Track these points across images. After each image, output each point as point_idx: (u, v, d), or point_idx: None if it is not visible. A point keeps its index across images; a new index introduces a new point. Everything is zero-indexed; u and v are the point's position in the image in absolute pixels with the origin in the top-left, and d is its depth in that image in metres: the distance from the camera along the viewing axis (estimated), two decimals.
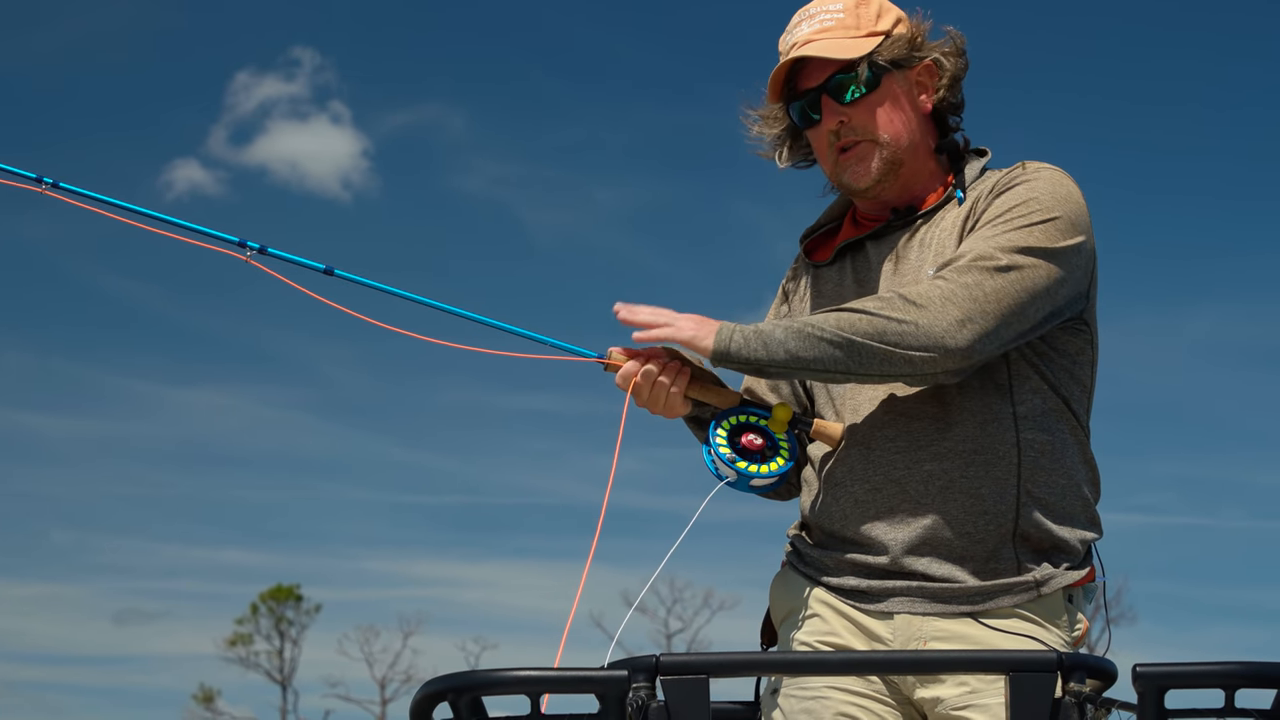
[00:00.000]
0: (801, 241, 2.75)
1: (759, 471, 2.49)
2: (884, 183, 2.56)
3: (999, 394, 2.44)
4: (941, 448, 2.42)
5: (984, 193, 2.50)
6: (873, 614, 2.45)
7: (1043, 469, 2.43)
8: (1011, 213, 2.42)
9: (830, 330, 2.33)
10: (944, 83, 2.58)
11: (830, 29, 2.54)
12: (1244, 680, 1.75)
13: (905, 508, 2.42)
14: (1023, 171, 2.49)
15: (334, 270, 2.57)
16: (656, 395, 2.51)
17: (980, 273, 2.34)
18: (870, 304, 2.35)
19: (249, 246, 2.58)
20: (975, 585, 2.39)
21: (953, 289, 2.33)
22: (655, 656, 1.80)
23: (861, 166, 2.55)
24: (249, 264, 2.56)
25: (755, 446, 2.52)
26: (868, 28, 2.55)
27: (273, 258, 2.56)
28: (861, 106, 2.54)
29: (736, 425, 2.54)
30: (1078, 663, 1.81)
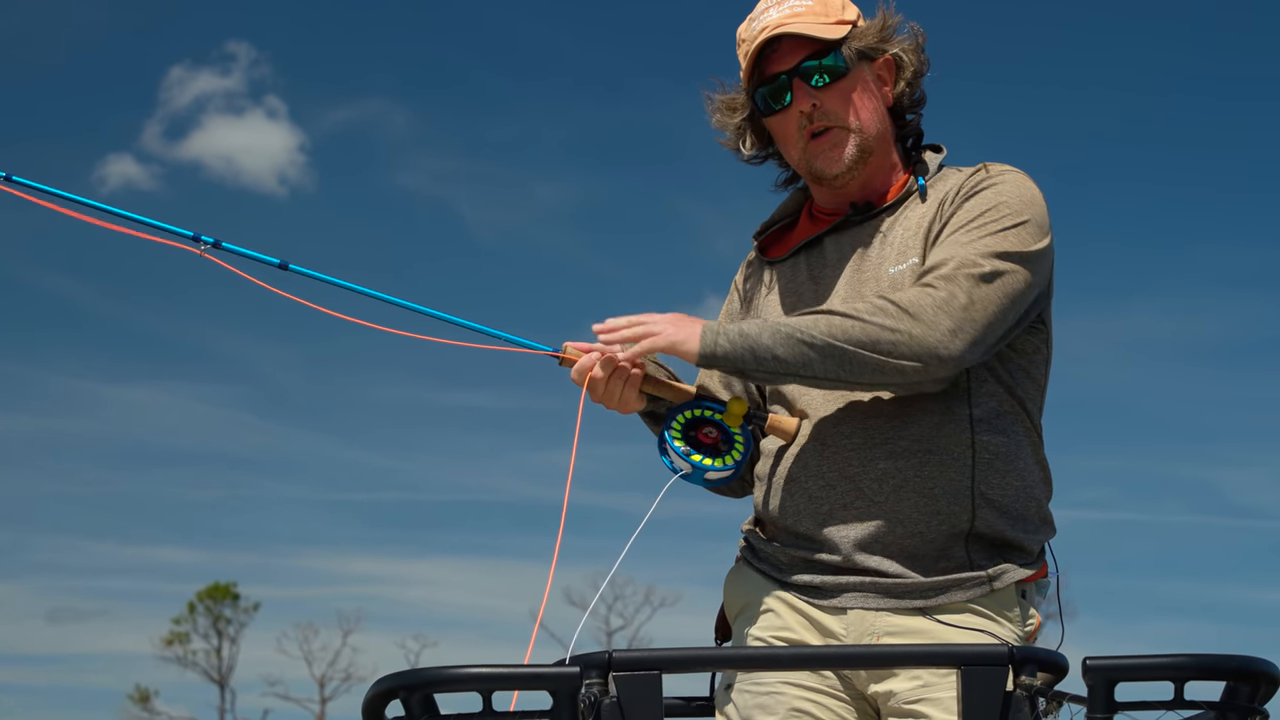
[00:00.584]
0: (756, 238, 2.74)
1: (713, 465, 2.49)
2: (854, 170, 2.56)
3: (956, 395, 2.44)
4: (897, 446, 2.42)
5: (949, 194, 2.50)
6: (826, 609, 2.45)
7: (997, 471, 2.44)
8: (985, 216, 2.42)
9: (821, 337, 2.32)
10: (905, 77, 2.59)
11: (801, 14, 2.54)
12: (1193, 672, 1.76)
13: (859, 505, 2.42)
14: (987, 175, 2.50)
15: (289, 265, 2.56)
16: (611, 390, 2.50)
17: (968, 280, 2.34)
18: (863, 310, 2.34)
19: (203, 241, 2.56)
20: (928, 580, 2.39)
21: (943, 298, 2.33)
22: (608, 653, 1.80)
23: (835, 153, 2.54)
24: (204, 258, 2.55)
25: (710, 440, 2.52)
26: (836, 16, 2.56)
27: (227, 252, 2.55)
28: (834, 91, 2.53)
29: (691, 419, 2.54)
30: (1029, 656, 1.82)
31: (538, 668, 1.80)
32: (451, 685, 1.78)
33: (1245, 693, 1.76)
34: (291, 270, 2.55)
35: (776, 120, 2.59)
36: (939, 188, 2.56)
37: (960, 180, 2.52)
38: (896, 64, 2.58)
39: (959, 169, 2.60)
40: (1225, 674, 1.76)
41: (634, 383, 2.50)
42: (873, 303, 2.35)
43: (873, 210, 2.59)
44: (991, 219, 2.41)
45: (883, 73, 2.58)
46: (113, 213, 2.57)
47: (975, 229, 2.41)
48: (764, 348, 2.34)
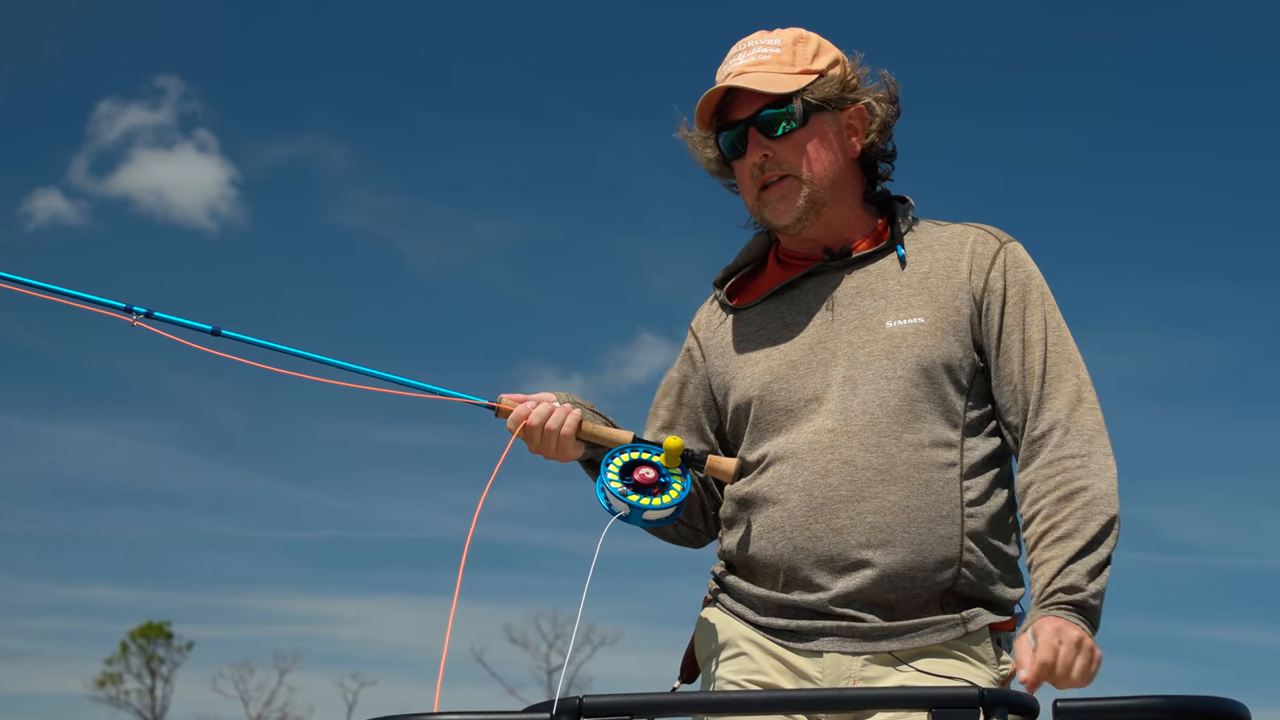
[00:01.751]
0: (720, 285, 2.73)
1: (651, 504, 2.48)
2: (804, 221, 2.56)
3: (949, 452, 2.45)
4: (886, 501, 2.41)
5: (973, 261, 2.53)
6: (802, 653, 2.44)
7: (984, 531, 2.44)
8: (1050, 317, 2.52)
9: (1109, 548, 2.39)
10: (874, 127, 2.59)
11: (765, 63, 2.55)
12: (1164, 715, 1.75)
13: (846, 557, 2.41)
14: (1015, 254, 2.55)
15: (221, 330, 2.59)
16: (548, 439, 2.52)
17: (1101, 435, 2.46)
18: (1108, 504, 2.40)
19: (135, 311, 2.58)
20: (904, 623, 2.40)
21: (1098, 426, 2.46)
22: (579, 698, 1.79)
23: (783, 204, 2.56)
24: (135, 326, 2.58)
25: (648, 480, 2.51)
26: (802, 65, 2.56)
27: (160, 321, 2.58)
28: (787, 143, 2.54)
29: (629, 462, 2.53)
30: (999, 699, 1.81)
31: (509, 714, 1.78)
32: None
33: None
34: (224, 335, 2.58)
35: (736, 166, 2.62)
36: (924, 240, 2.58)
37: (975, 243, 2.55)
38: (869, 112, 2.59)
39: (937, 222, 2.63)
40: (1197, 716, 1.75)
41: (570, 429, 2.51)
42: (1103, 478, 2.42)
43: (849, 256, 2.59)
44: (1055, 323, 2.52)
45: (853, 122, 2.59)
46: (45, 289, 2.60)
47: (1054, 335, 2.51)
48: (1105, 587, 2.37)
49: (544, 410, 2.52)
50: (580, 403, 2.62)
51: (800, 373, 2.53)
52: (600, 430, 2.55)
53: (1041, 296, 2.52)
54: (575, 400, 2.61)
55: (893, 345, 2.47)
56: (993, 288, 2.51)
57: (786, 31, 2.61)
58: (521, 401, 2.55)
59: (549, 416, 2.52)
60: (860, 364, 2.48)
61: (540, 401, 2.54)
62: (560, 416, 2.52)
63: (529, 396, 2.56)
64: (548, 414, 2.52)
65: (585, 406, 2.61)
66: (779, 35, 2.60)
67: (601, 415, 2.64)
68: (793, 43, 2.58)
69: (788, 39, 2.59)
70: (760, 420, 2.55)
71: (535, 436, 2.53)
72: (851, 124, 2.59)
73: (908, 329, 2.48)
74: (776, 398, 2.53)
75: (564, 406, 2.55)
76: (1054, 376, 2.47)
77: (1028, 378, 2.47)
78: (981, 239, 2.56)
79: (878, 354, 2.48)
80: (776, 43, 2.58)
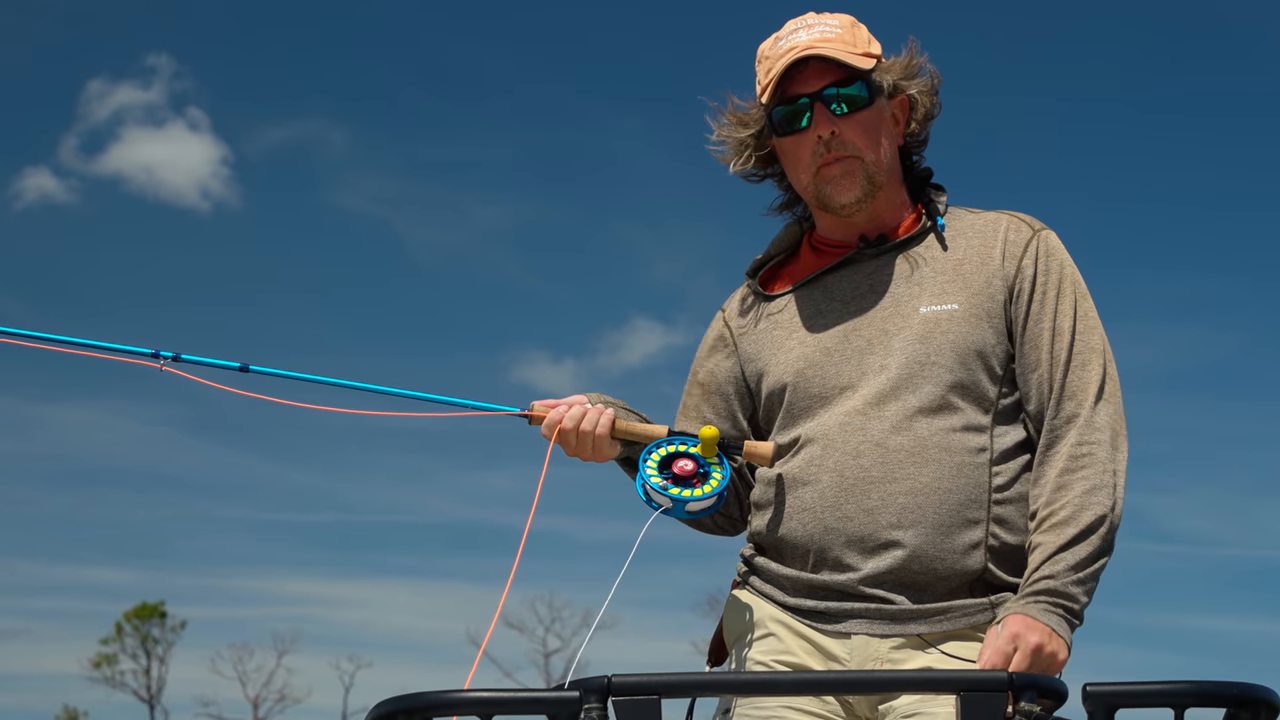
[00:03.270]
0: (753, 274, 2.73)
1: (693, 496, 2.48)
2: (863, 202, 2.56)
3: (980, 436, 2.45)
4: (917, 483, 2.41)
5: (1017, 253, 2.52)
6: (830, 634, 2.45)
7: (1014, 515, 2.44)
8: (1080, 306, 2.50)
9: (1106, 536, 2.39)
10: (917, 118, 2.60)
11: (831, 40, 2.54)
12: (1193, 699, 1.76)
13: (877, 538, 2.42)
14: (1048, 242, 2.54)
15: (249, 367, 2.61)
16: (584, 441, 2.53)
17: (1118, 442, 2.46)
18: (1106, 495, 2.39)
19: (162, 356, 2.61)
20: (933, 607, 2.40)
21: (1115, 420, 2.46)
22: (607, 678, 1.79)
23: (847, 181, 2.55)
24: (164, 371, 2.61)
25: (686, 472, 2.50)
26: (863, 48, 2.56)
27: (187, 363, 2.60)
28: (854, 121, 2.54)
29: (667, 456, 2.53)
30: (1028, 682, 1.81)
31: (537, 692, 1.79)
32: (453, 709, 1.77)
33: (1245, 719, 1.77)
34: (252, 371, 2.61)
35: (790, 142, 2.59)
36: (958, 227, 2.58)
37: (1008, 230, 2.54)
38: (910, 104, 2.60)
39: (971, 210, 2.63)
40: (1226, 701, 1.76)
41: (605, 429, 2.52)
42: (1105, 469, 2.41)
43: (885, 244, 2.59)
44: (1086, 309, 2.51)
45: (897, 111, 2.60)
46: (71, 343, 2.65)
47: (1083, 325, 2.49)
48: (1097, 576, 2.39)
49: (577, 413, 2.53)
50: (612, 401, 2.62)
51: (834, 359, 2.53)
52: (635, 427, 2.55)
53: (1074, 286, 2.52)
54: (607, 400, 2.62)
55: (927, 331, 2.47)
56: (1024, 274, 2.51)
57: (840, 15, 2.61)
58: (553, 406, 2.55)
59: (583, 419, 2.53)
60: (894, 350, 2.48)
61: (572, 404, 2.55)
62: (594, 418, 2.53)
63: (560, 401, 2.57)
64: (581, 416, 2.53)
65: (618, 405, 2.62)
66: (836, 17, 2.59)
67: (634, 412, 2.64)
68: (850, 25, 2.58)
69: (845, 21, 2.59)
70: (793, 405, 2.56)
71: (571, 440, 2.53)
72: (896, 113, 2.60)
73: (942, 315, 2.48)
74: (810, 383, 2.54)
75: (597, 407, 2.55)
76: (1079, 364, 2.47)
77: (1054, 365, 2.47)
78: (1015, 226, 2.56)
79: (912, 339, 2.48)
80: (836, 23, 2.57)
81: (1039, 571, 2.34)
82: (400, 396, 2.56)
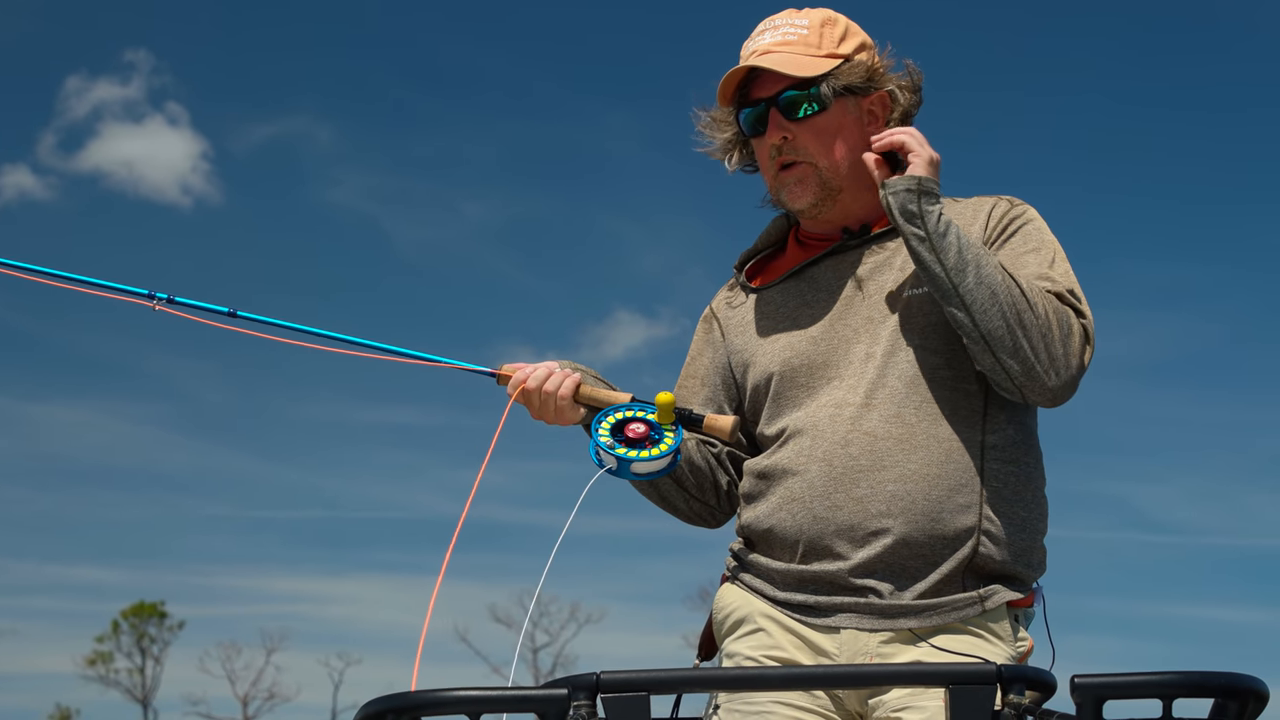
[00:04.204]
0: (740, 267, 2.75)
1: (638, 456, 2.50)
2: (820, 206, 2.58)
3: (971, 421, 2.45)
4: (906, 470, 2.41)
5: (992, 213, 2.53)
6: (819, 628, 2.45)
7: (1005, 501, 2.44)
8: (1056, 251, 2.48)
9: (1036, 300, 2.35)
10: (895, 116, 2.59)
11: (791, 43, 2.55)
12: (1181, 689, 1.76)
13: (867, 526, 2.41)
14: (1026, 211, 2.55)
15: (237, 312, 2.69)
16: (547, 402, 2.56)
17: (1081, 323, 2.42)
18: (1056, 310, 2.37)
19: (157, 297, 2.68)
20: (921, 601, 2.40)
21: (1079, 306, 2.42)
22: (596, 675, 1.79)
23: (799, 188, 2.56)
24: (157, 310, 2.69)
25: (639, 435, 2.53)
26: (829, 48, 2.56)
27: (181, 305, 2.69)
28: (807, 127, 2.54)
29: (621, 419, 2.56)
30: (1017, 675, 1.81)
31: (525, 690, 1.78)
32: (441, 708, 1.76)
33: (1234, 709, 1.76)
34: (240, 316, 2.69)
35: (755, 144, 2.63)
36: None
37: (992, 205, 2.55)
38: (891, 100, 2.59)
39: (955, 199, 2.63)
40: (1214, 691, 1.76)
41: (567, 391, 2.54)
42: (1057, 307, 2.38)
43: (869, 235, 2.59)
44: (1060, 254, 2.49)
45: (875, 109, 2.59)
46: (67, 278, 2.71)
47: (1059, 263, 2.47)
48: (976, 262, 2.35)
49: (542, 374, 2.57)
50: (583, 369, 2.66)
51: (820, 348, 2.53)
52: (598, 393, 2.58)
53: (1049, 245, 2.51)
54: (577, 366, 2.65)
55: (909, 316, 2.48)
56: (991, 230, 2.52)
57: (816, 12, 2.60)
58: (521, 368, 2.59)
59: (547, 379, 2.56)
60: (880, 338, 2.49)
61: (538, 367, 2.59)
62: (558, 380, 2.57)
63: (530, 365, 2.60)
64: (545, 377, 2.57)
65: (588, 373, 2.65)
66: (808, 15, 2.59)
67: (603, 380, 2.67)
68: (820, 24, 2.57)
69: (816, 20, 2.58)
70: (780, 395, 2.56)
71: (534, 400, 2.57)
72: (873, 110, 2.59)
73: (924, 298, 2.48)
74: (797, 373, 2.54)
75: (563, 371, 2.59)
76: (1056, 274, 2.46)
77: None
78: (997, 204, 2.57)
79: (896, 326, 2.48)
80: (804, 23, 2.57)
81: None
82: (379, 349, 2.64)
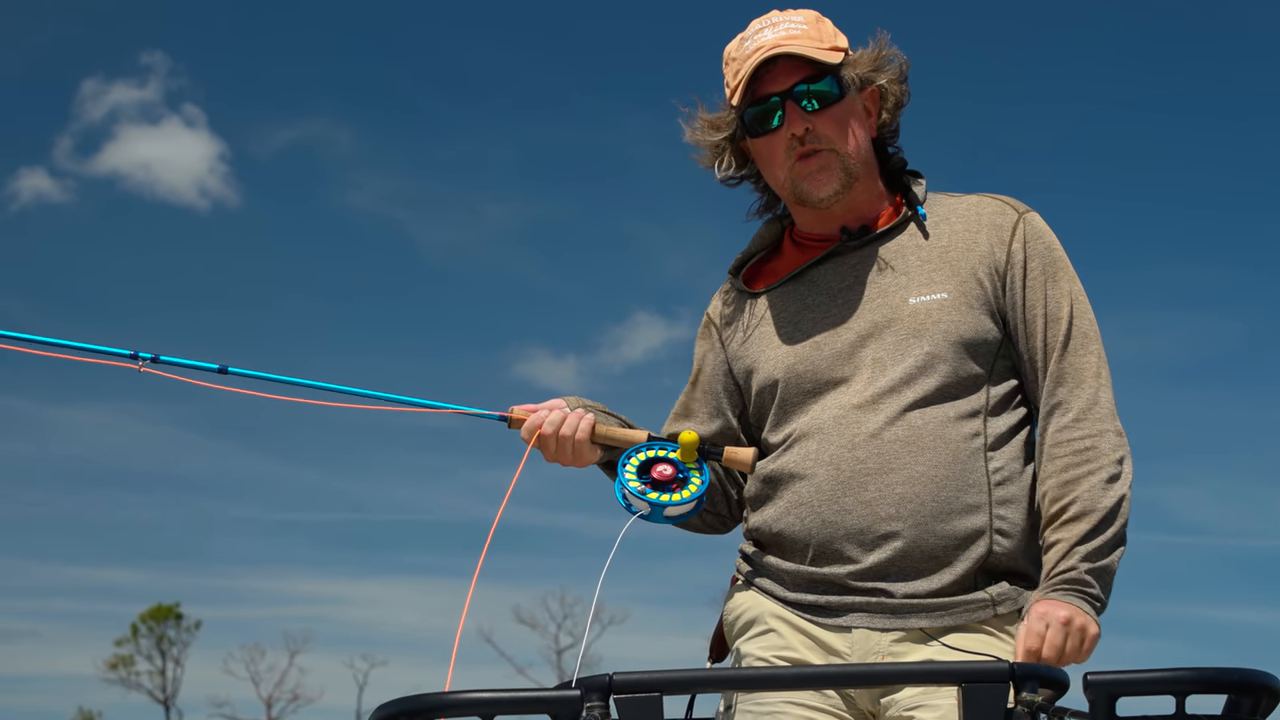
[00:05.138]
0: (736, 271, 2.74)
1: (671, 500, 2.50)
2: (840, 195, 2.56)
3: (974, 422, 2.45)
4: (914, 472, 2.41)
5: (992, 233, 2.52)
6: (830, 628, 2.45)
7: (1014, 501, 2.44)
8: (1073, 290, 2.51)
9: (1120, 527, 2.39)
10: (888, 107, 2.60)
11: (798, 37, 2.55)
12: (1195, 686, 1.75)
13: (876, 530, 2.41)
14: (1034, 224, 2.54)
15: (228, 369, 2.61)
16: (564, 445, 2.55)
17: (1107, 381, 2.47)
18: (1119, 486, 2.40)
19: (141, 358, 2.59)
20: (933, 601, 2.40)
21: (1112, 404, 2.46)
22: (609, 675, 1.79)
23: (824, 175, 2.54)
24: (143, 372, 2.59)
25: (666, 477, 2.52)
26: (829, 43, 2.56)
27: (166, 365, 2.59)
28: (827, 116, 2.53)
29: (646, 460, 2.55)
30: (1029, 673, 1.81)
31: (539, 691, 1.79)
32: (455, 710, 1.77)
33: (1247, 706, 1.76)
34: (231, 373, 2.60)
35: (763, 142, 2.58)
36: (940, 214, 2.58)
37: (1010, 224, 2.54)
38: (881, 95, 2.60)
39: (951, 195, 2.63)
40: (1227, 687, 1.75)
41: (584, 435, 2.53)
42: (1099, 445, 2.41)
43: (868, 235, 2.59)
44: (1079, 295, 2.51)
45: (869, 103, 2.60)
46: (47, 343, 2.61)
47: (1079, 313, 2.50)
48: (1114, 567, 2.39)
49: (556, 418, 2.55)
50: (592, 405, 2.64)
51: (825, 353, 2.53)
52: (615, 432, 2.57)
53: (1064, 269, 2.52)
54: (586, 403, 2.63)
55: (918, 322, 2.47)
56: (1014, 260, 2.51)
57: (804, 10, 2.61)
58: (533, 411, 2.57)
59: (562, 423, 2.54)
60: (887, 343, 2.48)
61: (552, 409, 2.56)
62: (574, 423, 2.55)
63: (540, 405, 2.58)
64: (560, 421, 2.55)
65: (597, 409, 2.64)
66: (802, 13, 2.60)
67: (615, 416, 2.66)
68: (815, 20, 2.59)
69: (810, 17, 2.59)
70: (786, 401, 2.55)
71: (550, 445, 2.56)
72: (868, 104, 2.60)
73: (932, 305, 2.48)
74: (802, 379, 2.54)
75: (576, 412, 2.57)
76: (1075, 349, 2.47)
77: (1048, 351, 2.48)
78: (998, 209, 2.56)
79: (904, 332, 2.48)
80: (801, 19, 2.58)
81: (1057, 566, 2.34)
82: (382, 400, 2.58)
